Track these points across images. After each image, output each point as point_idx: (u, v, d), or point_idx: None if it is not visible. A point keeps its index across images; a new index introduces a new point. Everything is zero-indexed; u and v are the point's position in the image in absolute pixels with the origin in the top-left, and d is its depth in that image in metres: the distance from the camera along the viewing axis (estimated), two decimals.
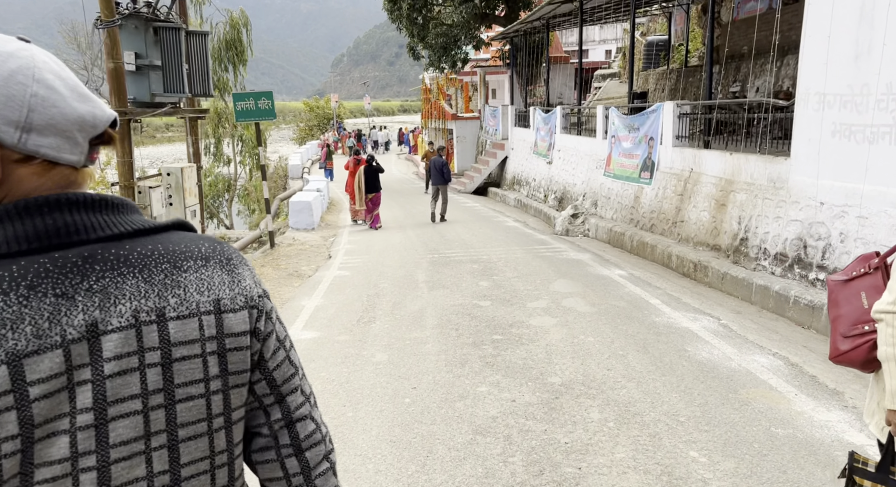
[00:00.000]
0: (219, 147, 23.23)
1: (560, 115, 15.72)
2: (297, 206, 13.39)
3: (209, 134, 23.40)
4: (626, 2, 17.90)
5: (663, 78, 21.46)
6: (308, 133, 47.71)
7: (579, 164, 13.95)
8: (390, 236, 12.16)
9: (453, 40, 24.11)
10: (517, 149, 20.45)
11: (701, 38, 20.73)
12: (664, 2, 20.66)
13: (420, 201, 19.59)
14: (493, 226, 12.96)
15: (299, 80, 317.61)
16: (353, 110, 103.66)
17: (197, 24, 21.73)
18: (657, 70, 22.68)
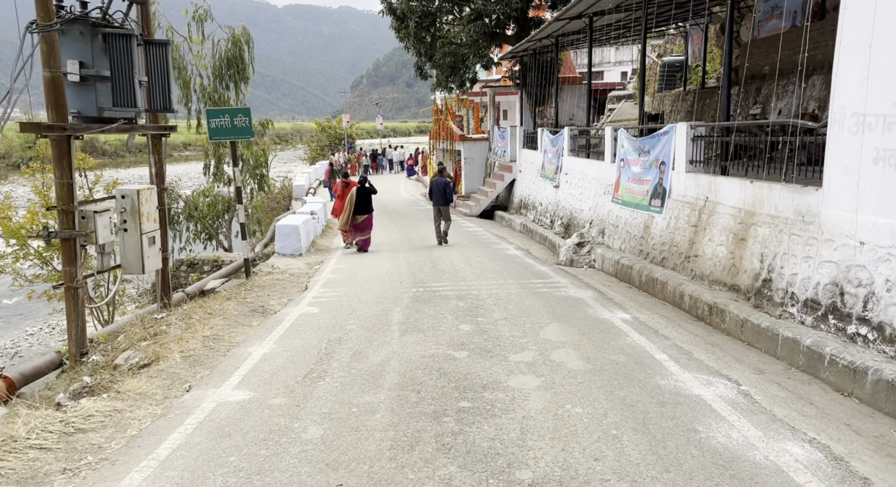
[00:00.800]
0: (219, 166, 22.66)
1: (568, 137, 14.84)
2: (283, 231, 12.58)
3: (209, 153, 22.86)
4: (638, 20, 17.13)
5: (679, 100, 20.56)
6: (319, 153, 47.36)
7: (587, 189, 13.01)
8: (379, 263, 11.27)
9: (461, 60, 23.45)
10: (525, 171, 19.58)
11: (719, 59, 19.82)
12: (680, 21, 19.86)
13: (422, 224, 18.73)
14: (491, 254, 12.03)
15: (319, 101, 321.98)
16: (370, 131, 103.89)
17: (198, 41, 21.33)
18: (673, 91, 21.80)
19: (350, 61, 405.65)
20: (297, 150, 77.99)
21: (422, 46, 23.22)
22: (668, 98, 22.10)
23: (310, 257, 12.67)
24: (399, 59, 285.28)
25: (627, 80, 30.90)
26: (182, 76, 20.99)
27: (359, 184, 13.93)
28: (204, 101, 21.62)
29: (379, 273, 10.09)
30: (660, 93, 22.89)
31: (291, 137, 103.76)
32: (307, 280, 9.88)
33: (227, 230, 22.97)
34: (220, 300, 8.05)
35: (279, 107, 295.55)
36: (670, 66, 24.08)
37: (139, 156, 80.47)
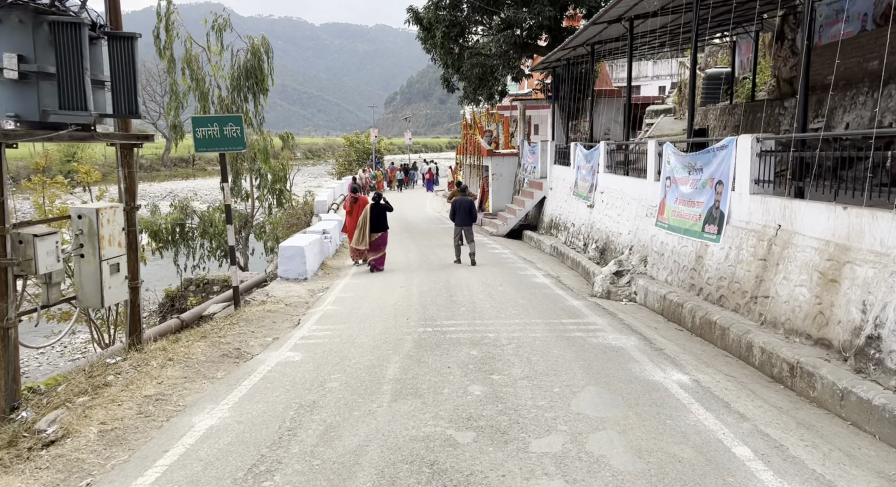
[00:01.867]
0: (237, 182, 21.81)
1: (604, 152, 13.41)
2: (286, 253, 11.41)
3: (232, 167, 22.05)
4: (686, 25, 15.67)
5: (725, 114, 18.93)
6: (347, 168, 46.64)
7: (625, 210, 11.54)
8: (389, 291, 9.98)
9: (490, 71, 22.23)
10: (556, 189, 18.17)
11: (770, 70, 18.19)
12: (726, 31, 18.32)
13: (443, 243, 17.42)
14: (516, 283, 10.63)
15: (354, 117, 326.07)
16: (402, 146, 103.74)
17: (217, 52, 20.59)
18: (718, 106, 20.17)
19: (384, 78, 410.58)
20: (327, 165, 77.80)
21: (449, 57, 22.09)
22: (713, 112, 20.45)
23: (315, 282, 11.46)
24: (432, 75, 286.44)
25: (666, 94, 29.29)
26: (199, 87, 20.24)
27: (373, 200, 13.22)
28: (221, 114, 20.84)
29: (385, 305, 8.79)
30: (703, 108, 21.25)
31: (324, 152, 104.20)
32: (303, 311, 8.63)
33: (243, 247, 22.02)
34: (192, 339, 6.84)
35: (314, 122, 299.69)
36: (714, 78, 22.46)
37: (174, 170, 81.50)
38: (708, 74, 22.15)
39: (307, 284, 11.17)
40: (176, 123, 20.31)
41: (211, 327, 7.51)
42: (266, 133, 21.86)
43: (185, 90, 20.38)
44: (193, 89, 20.27)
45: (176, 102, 20.22)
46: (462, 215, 13.29)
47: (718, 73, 22.69)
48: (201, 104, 20.58)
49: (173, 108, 20.20)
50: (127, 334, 7.24)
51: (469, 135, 27.70)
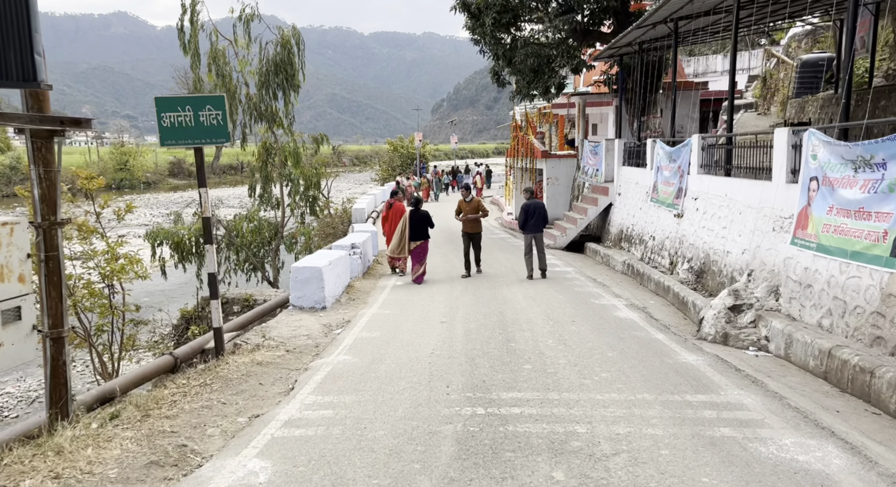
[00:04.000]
0: (266, 187, 19.89)
1: (697, 148, 10.67)
2: (300, 275, 9.15)
3: (254, 172, 20.16)
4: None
5: (831, 104, 15.81)
6: (390, 173, 44.71)
7: (735, 221, 8.79)
8: (424, 329, 7.56)
9: (546, 61, 19.65)
10: (626, 194, 15.43)
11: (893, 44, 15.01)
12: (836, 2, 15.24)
13: (492, 259, 14.93)
14: (594, 318, 8.05)
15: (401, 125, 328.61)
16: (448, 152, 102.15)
17: (244, 45, 18.75)
18: (819, 96, 17.02)
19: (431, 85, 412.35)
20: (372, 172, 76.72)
21: (499, 48, 19.65)
22: (812, 104, 17.23)
23: (335, 312, 9.14)
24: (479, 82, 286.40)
25: (745, 87, 26.05)
26: (226, 84, 18.39)
27: (411, 206, 12.24)
28: (249, 113, 18.95)
29: (418, 355, 6.36)
30: (796, 100, 18.05)
31: (370, 159, 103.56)
32: (307, 363, 6.29)
33: (272, 260, 20.07)
34: (124, 425, 4.56)
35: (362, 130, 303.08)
36: (812, 65, 19.20)
37: (223, 178, 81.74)
38: (804, 61, 18.88)
39: (324, 316, 8.86)
40: None
41: (168, 394, 5.24)
42: (298, 134, 19.88)
43: (212, 88, 18.57)
44: (220, 87, 18.43)
45: None
46: (537, 220, 12.02)
47: (817, 59, 19.39)
48: (228, 102, 18.70)
49: None
50: (47, 405, 5.04)
51: (520, 136, 25.15)
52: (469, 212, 12.36)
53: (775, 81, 22.57)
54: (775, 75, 22.64)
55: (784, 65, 22.81)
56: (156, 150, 78.82)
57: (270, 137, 19.71)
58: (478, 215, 12.37)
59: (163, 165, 79.89)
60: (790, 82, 20.12)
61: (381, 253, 16.42)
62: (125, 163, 73.22)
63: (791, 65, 21.27)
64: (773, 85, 22.81)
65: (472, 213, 12.34)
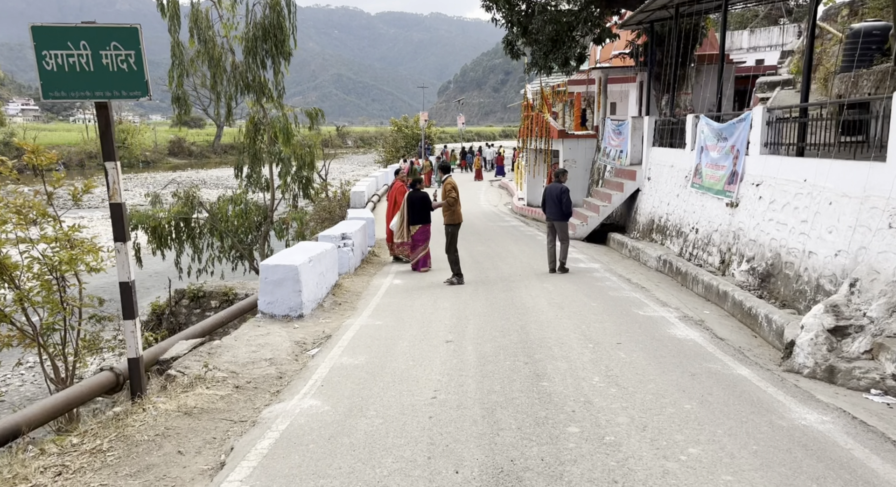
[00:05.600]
0: (255, 167, 18.03)
1: (762, 122, 8.73)
2: (271, 275, 7.32)
3: (243, 149, 18.29)
4: None
5: (889, 78, 13.79)
6: (394, 155, 42.70)
7: (822, 214, 6.89)
8: (425, 353, 5.77)
9: (567, 29, 17.59)
10: (658, 179, 13.51)
11: None
12: None
13: (505, 250, 13.10)
14: (644, 340, 6.22)
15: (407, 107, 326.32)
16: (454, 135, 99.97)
17: (229, 6, 16.78)
18: (876, 69, 14.98)
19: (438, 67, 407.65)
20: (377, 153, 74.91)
21: (514, 14, 17.61)
22: (867, 79, 15.14)
23: (315, 322, 7.33)
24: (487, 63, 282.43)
25: (781, 63, 23.87)
26: (209, 51, 16.44)
27: (410, 187, 11.17)
28: (235, 84, 17.02)
29: (416, 399, 4.56)
30: (846, 74, 15.94)
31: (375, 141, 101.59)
32: (256, 415, 4.49)
33: (261, 247, 18.26)
34: None
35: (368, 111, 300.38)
36: (866, 34, 17.07)
37: (224, 157, 79.69)
38: (854, 31, 16.71)
39: (299, 328, 7.05)
40: (179, 95, 16.56)
41: (37, 468, 3.46)
42: (290, 108, 17.96)
43: (194, 56, 16.62)
44: (202, 54, 16.47)
45: (180, 69, 16.47)
46: (550, 206, 10.46)
47: (871, 28, 17.21)
48: (211, 71, 16.80)
49: (176, 77, 16.45)
50: None
51: (533, 115, 23.13)
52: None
53: (817, 56, 20.42)
54: (818, 48, 20.47)
55: (825, 37, 20.64)
56: (154, 128, 76.91)
57: (259, 112, 17.80)
58: (444, 202, 10.20)
59: (162, 144, 78.00)
60: (837, 56, 18.05)
61: (379, 243, 14.60)
62: (123, 141, 71.32)
63: (838, 36, 19.15)
64: (815, 59, 20.65)
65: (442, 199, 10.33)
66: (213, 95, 17.28)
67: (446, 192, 10.22)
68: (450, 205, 10.13)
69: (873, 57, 16.32)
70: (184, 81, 16.41)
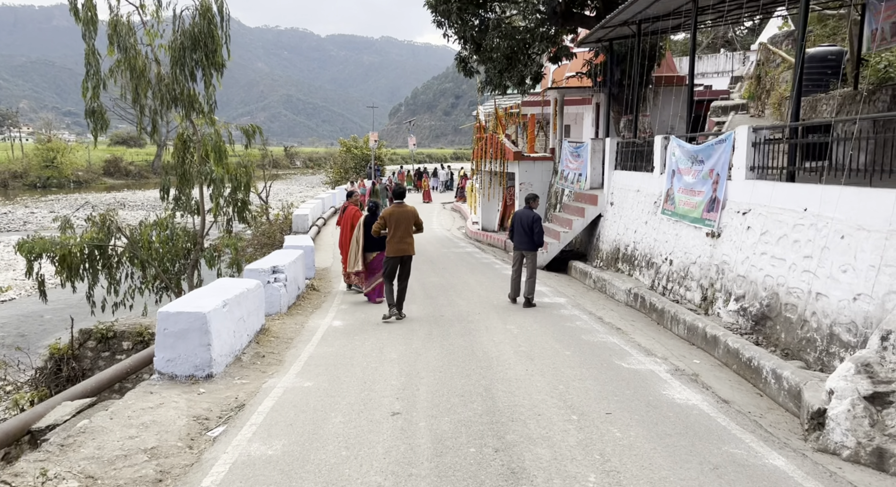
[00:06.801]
0: (183, 188, 16.27)
1: (747, 144, 7.84)
2: (172, 325, 5.82)
3: (167, 171, 16.52)
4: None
5: (851, 102, 13.39)
6: (342, 176, 41.16)
7: (832, 250, 5.91)
8: (362, 442, 4.41)
9: (522, 47, 16.78)
10: (622, 204, 12.60)
11: None
12: None
13: (459, 280, 11.86)
14: (639, 408, 5.03)
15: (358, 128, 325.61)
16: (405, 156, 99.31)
17: (153, 13, 15.17)
18: (835, 93, 14.63)
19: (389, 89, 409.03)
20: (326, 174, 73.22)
21: (466, 30, 16.66)
22: (827, 103, 14.76)
23: (227, 384, 5.84)
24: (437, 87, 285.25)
25: (734, 87, 23.81)
26: (129, 60, 14.73)
27: (367, 212, 10.51)
28: (160, 97, 15.30)
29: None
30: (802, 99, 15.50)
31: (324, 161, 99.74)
32: None
33: (189, 277, 16.42)
34: None
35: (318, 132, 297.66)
36: (820, 59, 16.85)
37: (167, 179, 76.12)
38: (809, 56, 16.37)
39: (205, 394, 5.56)
40: (95, 108, 14.72)
41: None
42: (224, 125, 16.37)
43: (113, 65, 14.86)
44: (122, 63, 14.73)
45: (95, 80, 14.65)
46: (519, 234, 9.78)
47: (826, 53, 16.99)
48: (133, 83, 15.03)
49: (90, 88, 14.62)
50: None
51: (487, 136, 22.22)
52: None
53: (770, 80, 20.30)
54: (770, 73, 20.37)
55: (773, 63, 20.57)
56: (88, 147, 72.94)
57: (189, 128, 16.11)
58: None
59: (97, 163, 73.97)
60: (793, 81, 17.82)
61: (320, 274, 13.13)
62: (52, 159, 67.17)
63: (790, 61, 19.02)
64: (768, 84, 20.52)
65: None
66: (135, 109, 15.52)
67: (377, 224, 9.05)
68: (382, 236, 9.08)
69: (829, 82, 15.99)
70: (100, 94, 14.63)
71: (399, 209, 8.88)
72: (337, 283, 12.10)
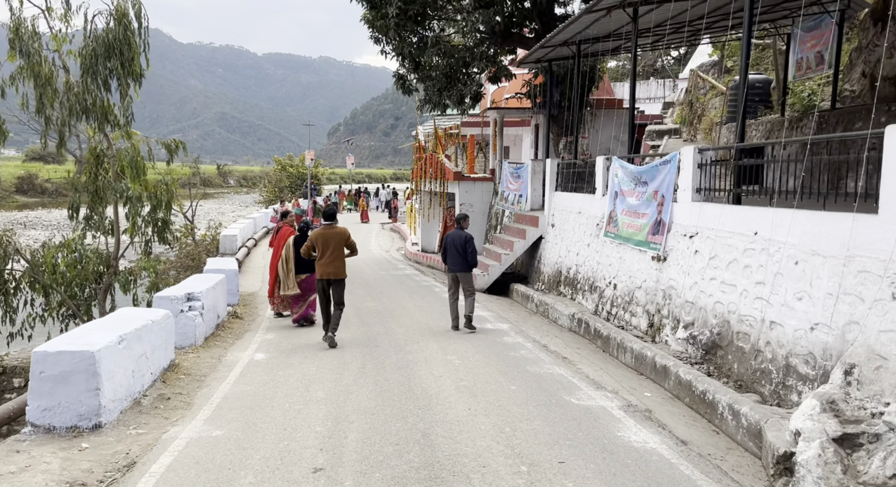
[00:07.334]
0: (95, 207, 14.92)
1: (692, 165, 7.62)
2: (52, 367, 4.90)
3: (79, 187, 15.16)
4: (716, 14, 10.45)
5: (779, 128, 13.76)
6: (276, 195, 39.77)
7: (786, 276, 5.64)
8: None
9: (462, 65, 16.50)
10: (564, 226, 12.32)
11: (861, 65, 13.14)
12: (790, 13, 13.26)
13: (396, 304, 11.21)
14: (595, 454, 4.52)
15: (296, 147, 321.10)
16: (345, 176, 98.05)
17: (61, 16, 13.98)
18: (764, 119, 15.05)
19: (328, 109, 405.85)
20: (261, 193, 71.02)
21: (404, 47, 16.24)
22: (756, 128, 15.20)
23: (119, 435, 4.96)
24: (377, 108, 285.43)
25: (667, 112, 24.40)
26: (34, 68, 13.45)
27: (298, 232, 9.85)
28: (69, 107, 14.03)
29: None
30: (732, 124, 15.96)
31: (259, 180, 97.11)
32: None
33: (100, 303, 15.01)
34: None
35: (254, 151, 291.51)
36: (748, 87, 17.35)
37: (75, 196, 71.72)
38: (737, 83, 16.85)
39: (91, 449, 4.66)
40: None
41: None
42: (142, 138, 15.20)
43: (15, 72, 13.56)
44: (25, 70, 13.45)
45: None
46: (452, 256, 9.34)
47: (753, 81, 17.53)
48: (38, 91, 13.75)
49: None
50: None
51: (426, 156, 21.80)
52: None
53: (701, 106, 20.87)
54: (701, 99, 20.96)
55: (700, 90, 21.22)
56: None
57: (102, 141, 14.86)
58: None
59: (8, 180, 68.99)
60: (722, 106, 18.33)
61: (245, 299, 12.18)
62: None
63: (720, 89, 19.61)
64: (699, 109, 21.09)
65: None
66: (40, 120, 14.18)
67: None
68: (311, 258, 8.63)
69: (757, 108, 16.45)
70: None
71: (328, 230, 8.35)
72: (264, 310, 11.20)
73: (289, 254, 9.87)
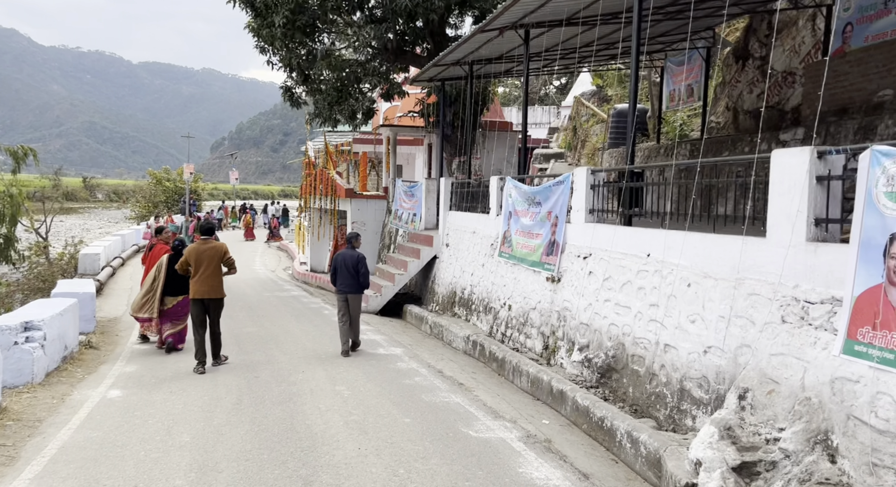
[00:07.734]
0: None
1: (585, 186, 7.63)
2: None
3: None
4: (604, 42, 11.00)
5: (654, 155, 14.60)
6: (151, 211, 36.79)
7: (680, 299, 5.65)
8: None
9: (354, 80, 16.04)
10: (458, 246, 12.12)
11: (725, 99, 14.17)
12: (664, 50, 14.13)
13: (280, 329, 10.39)
14: (479, 485, 4.16)
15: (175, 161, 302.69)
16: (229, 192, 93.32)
17: None
18: (642, 145, 15.86)
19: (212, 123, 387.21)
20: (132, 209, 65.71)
21: (293, 58, 15.51)
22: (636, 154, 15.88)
23: None
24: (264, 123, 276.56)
25: (553, 137, 25.28)
26: None
27: (172, 250, 8.95)
28: None
29: None
30: (615, 150, 16.80)
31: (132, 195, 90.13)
32: None
33: None
34: None
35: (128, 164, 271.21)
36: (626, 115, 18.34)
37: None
38: (618, 111, 17.77)
39: None
40: None
41: None
42: None
43: None
44: None
45: None
46: (343, 276, 8.90)
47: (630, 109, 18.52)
48: None
49: None
50: None
51: (317, 172, 20.99)
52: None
53: (584, 132, 21.80)
54: (584, 126, 21.91)
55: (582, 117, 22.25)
56: None
57: None
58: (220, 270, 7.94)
59: None
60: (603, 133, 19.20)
61: (107, 325, 10.80)
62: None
63: (602, 116, 20.58)
64: (583, 135, 22.01)
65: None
66: None
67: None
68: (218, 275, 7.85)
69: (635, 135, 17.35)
70: None
71: (204, 245, 7.56)
72: (127, 337, 9.95)
73: (159, 274, 8.88)
